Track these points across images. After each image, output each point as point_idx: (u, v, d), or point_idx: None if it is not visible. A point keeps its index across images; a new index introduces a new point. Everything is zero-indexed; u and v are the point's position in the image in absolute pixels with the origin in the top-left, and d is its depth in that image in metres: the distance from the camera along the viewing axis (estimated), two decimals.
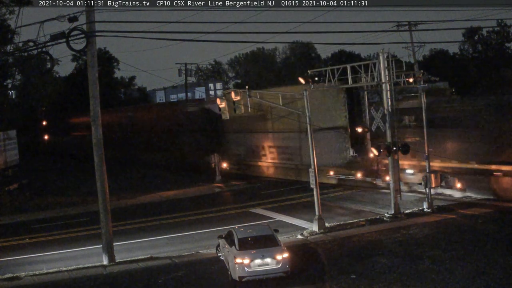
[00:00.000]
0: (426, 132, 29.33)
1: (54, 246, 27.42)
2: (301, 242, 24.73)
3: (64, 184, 50.71)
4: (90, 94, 23.39)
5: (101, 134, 23.56)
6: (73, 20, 21.83)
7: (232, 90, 29.39)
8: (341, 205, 32.68)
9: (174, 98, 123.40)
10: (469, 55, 74.60)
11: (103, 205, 23.58)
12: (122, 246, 25.70)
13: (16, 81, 56.99)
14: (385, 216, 27.92)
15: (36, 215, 36.67)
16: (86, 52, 23.10)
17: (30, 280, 21.51)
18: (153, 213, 34.48)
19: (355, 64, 29.43)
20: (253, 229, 21.22)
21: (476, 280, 17.76)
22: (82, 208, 37.74)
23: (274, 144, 45.76)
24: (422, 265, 19.71)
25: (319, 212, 26.50)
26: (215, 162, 45.15)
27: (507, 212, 27.12)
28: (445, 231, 24.31)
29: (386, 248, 22.24)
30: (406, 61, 42.02)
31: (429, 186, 28.64)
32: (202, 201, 37.79)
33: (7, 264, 24.31)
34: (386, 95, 28.19)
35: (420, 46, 53.75)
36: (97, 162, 23.57)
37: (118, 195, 40.01)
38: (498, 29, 69.16)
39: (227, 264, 19.98)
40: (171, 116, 59.43)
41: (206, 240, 26.22)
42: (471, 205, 29.24)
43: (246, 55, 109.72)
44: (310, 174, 26.80)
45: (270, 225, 22.69)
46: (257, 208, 33.49)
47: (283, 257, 18.92)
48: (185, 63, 72.40)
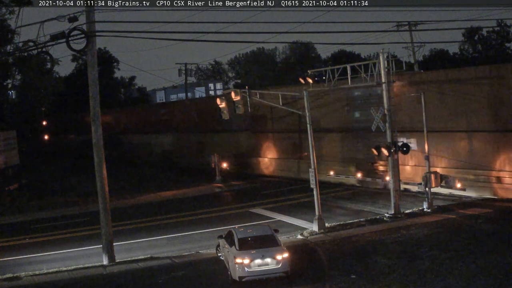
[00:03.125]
0: (426, 132, 29.36)
1: (54, 246, 27.43)
2: (301, 242, 24.72)
3: (64, 184, 50.73)
4: (90, 94, 23.40)
5: (101, 134, 23.58)
6: (73, 20, 21.85)
7: (232, 90, 29.37)
8: (341, 205, 32.68)
9: (174, 98, 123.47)
10: (469, 55, 74.61)
11: (103, 205, 23.59)
12: (122, 246, 25.70)
13: (16, 81, 56.99)
14: (385, 216, 27.93)
15: (36, 215, 36.68)
16: (86, 52, 23.11)
17: (30, 280, 21.52)
18: (153, 213, 34.49)
19: (355, 64, 29.42)
20: (253, 229, 21.22)
21: (476, 280, 17.77)
22: (82, 208, 37.76)
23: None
24: (422, 265, 19.70)
25: (319, 212, 26.50)
26: (215, 162, 45.16)
27: (507, 212, 27.14)
28: (445, 231, 24.32)
29: (386, 248, 22.25)
30: (406, 61, 42.10)
31: (429, 186, 28.64)
32: (202, 201, 37.80)
33: (7, 264, 24.32)
34: (386, 95, 28.21)
35: (420, 46, 53.85)
36: (97, 162, 23.59)
37: (118, 195, 40.04)
38: (498, 29, 69.19)
39: (227, 264, 19.98)
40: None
41: (206, 240, 26.22)
42: (471, 205, 29.27)
43: (246, 55, 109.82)
44: (310, 174, 26.80)
45: (270, 225, 22.70)
46: (257, 208, 33.49)
47: (283, 257, 18.92)
48: (185, 63, 72.61)
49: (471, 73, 32.54)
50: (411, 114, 33.40)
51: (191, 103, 67.23)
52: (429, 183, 28.55)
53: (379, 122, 28.20)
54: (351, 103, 38.87)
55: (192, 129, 58.20)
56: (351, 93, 38.03)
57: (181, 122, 61.26)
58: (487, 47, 72.63)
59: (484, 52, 72.24)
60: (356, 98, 38.29)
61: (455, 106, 32.42)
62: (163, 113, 66.81)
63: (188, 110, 60.67)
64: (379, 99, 30.87)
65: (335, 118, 40.22)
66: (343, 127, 39.81)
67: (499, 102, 30.41)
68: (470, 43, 73.50)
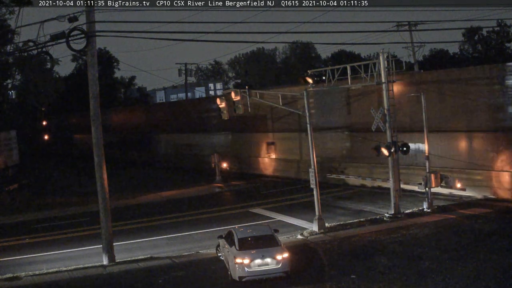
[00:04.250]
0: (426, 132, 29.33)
1: (54, 246, 27.42)
2: (301, 242, 24.72)
3: (64, 184, 50.72)
4: (90, 94, 23.39)
5: (101, 134, 23.57)
6: (73, 20, 21.85)
7: (232, 90, 29.38)
8: (341, 205, 32.68)
9: (174, 98, 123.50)
10: (469, 55, 74.62)
11: (103, 205, 23.59)
12: (122, 246, 25.70)
13: (16, 81, 56.97)
14: (385, 216, 27.93)
15: (36, 215, 36.69)
16: (86, 52, 23.10)
17: (30, 280, 21.51)
18: (153, 213, 34.48)
19: (355, 64, 29.41)
20: (253, 229, 21.22)
21: (476, 280, 17.76)
22: (82, 208, 37.74)
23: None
24: (422, 265, 19.71)
25: (319, 212, 26.49)
26: (215, 162, 45.13)
27: (507, 212, 27.14)
28: (445, 231, 24.31)
29: (386, 248, 22.24)
30: (406, 61, 42.09)
31: (429, 186, 28.64)
32: (202, 201, 37.79)
33: (7, 264, 24.32)
34: (386, 95, 28.21)
35: (420, 46, 53.90)
36: (97, 162, 23.57)
37: (118, 195, 40.03)
38: (498, 29, 69.20)
39: (227, 264, 19.98)
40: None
41: (206, 240, 26.22)
42: (471, 205, 29.26)
43: (246, 55, 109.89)
44: (310, 174, 26.80)
45: (270, 225, 22.70)
46: (257, 208, 33.48)
47: (283, 257, 18.92)
48: (185, 63, 72.59)
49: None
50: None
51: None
52: (429, 183, 28.55)
53: (379, 122, 28.19)
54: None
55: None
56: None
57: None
58: (487, 47, 72.63)
59: (484, 52, 72.24)
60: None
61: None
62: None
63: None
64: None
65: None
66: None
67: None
68: (470, 43, 73.51)
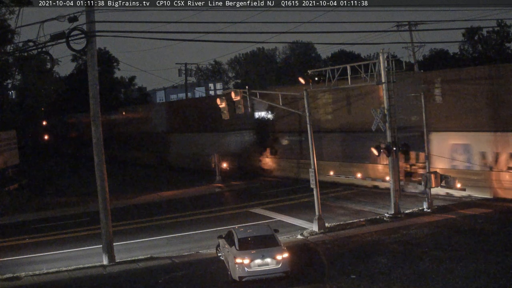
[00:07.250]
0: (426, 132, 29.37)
1: (54, 246, 27.43)
2: (301, 242, 24.72)
3: (64, 184, 50.73)
4: (90, 94, 23.40)
5: (101, 134, 23.57)
6: (73, 20, 21.85)
7: (232, 90, 29.37)
8: (341, 205, 32.68)
9: (174, 98, 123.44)
10: (469, 55, 74.56)
11: (103, 205, 23.59)
12: (122, 246, 25.70)
13: (16, 81, 57.04)
14: (385, 216, 27.93)
15: (36, 215, 36.69)
16: (86, 52, 23.11)
17: (30, 280, 21.52)
18: (153, 213, 34.48)
19: (355, 64, 29.40)
20: (253, 229, 21.22)
21: (476, 280, 17.77)
22: (82, 208, 37.76)
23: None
24: (422, 265, 19.71)
25: (319, 212, 26.50)
26: (215, 162, 45.13)
27: (507, 212, 27.14)
28: (445, 231, 24.32)
29: (386, 248, 22.25)
30: (406, 61, 42.08)
31: (429, 186, 28.64)
32: (202, 201, 37.79)
33: (7, 264, 24.32)
34: (386, 95, 28.21)
35: (420, 46, 53.86)
36: (97, 162, 23.57)
37: (118, 195, 40.02)
38: (498, 29, 69.13)
39: (227, 264, 19.98)
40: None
41: (206, 240, 26.22)
42: (471, 205, 29.27)
43: (246, 55, 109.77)
44: (310, 174, 26.81)
45: (270, 225, 22.69)
46: (257, 208, 33.48)
47: (283, 257, 18.93)
48: (185, 63, 72.52)
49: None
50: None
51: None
52: (429, 183, 28.55)
53: (379, 122, 28.20)
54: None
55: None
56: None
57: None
58: (487, 47, 72.57)
59: (484, 52, 72.19)
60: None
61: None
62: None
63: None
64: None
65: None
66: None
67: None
68: (470, 43, 73.44)
